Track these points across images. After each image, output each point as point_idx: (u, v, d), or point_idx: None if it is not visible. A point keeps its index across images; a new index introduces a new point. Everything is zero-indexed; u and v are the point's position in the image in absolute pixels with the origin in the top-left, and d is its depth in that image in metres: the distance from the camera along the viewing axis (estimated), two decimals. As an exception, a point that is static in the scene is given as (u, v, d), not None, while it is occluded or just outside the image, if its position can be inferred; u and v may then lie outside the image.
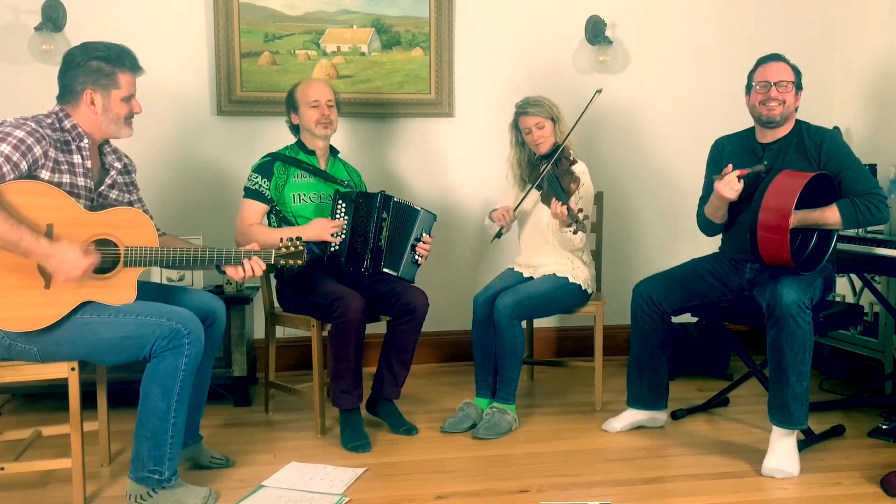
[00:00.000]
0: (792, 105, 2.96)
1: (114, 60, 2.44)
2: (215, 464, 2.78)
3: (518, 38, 4.13)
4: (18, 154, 2.25)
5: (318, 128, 3.21)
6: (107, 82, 2.43)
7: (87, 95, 2.42)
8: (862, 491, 2.59)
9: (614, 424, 3.15)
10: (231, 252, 2.56)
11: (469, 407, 3.22)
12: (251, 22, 3.87)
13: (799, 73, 2.99)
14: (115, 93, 2.44)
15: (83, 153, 2.43)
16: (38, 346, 2.37)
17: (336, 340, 2.96)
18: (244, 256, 2.57)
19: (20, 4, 3.66)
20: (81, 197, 2.41)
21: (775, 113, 2.94)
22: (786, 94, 2.93)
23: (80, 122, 2.44)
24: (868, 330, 3.63)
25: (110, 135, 2.49)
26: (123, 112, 2.48)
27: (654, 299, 3.05)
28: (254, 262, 2.57)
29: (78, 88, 2.42)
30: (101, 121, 2.45)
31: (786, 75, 2.95)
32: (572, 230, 3.12)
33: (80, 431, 2.46)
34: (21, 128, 2.29)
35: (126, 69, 2.46)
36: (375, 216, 3.11)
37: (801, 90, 2.98)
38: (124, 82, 2.46)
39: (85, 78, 2.41)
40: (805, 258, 2.88)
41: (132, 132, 2.54)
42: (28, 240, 2.23)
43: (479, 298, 3.26)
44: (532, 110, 3.28)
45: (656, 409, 3.15)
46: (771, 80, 2.93)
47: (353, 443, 2.97)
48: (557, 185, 3.17)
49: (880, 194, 2.84)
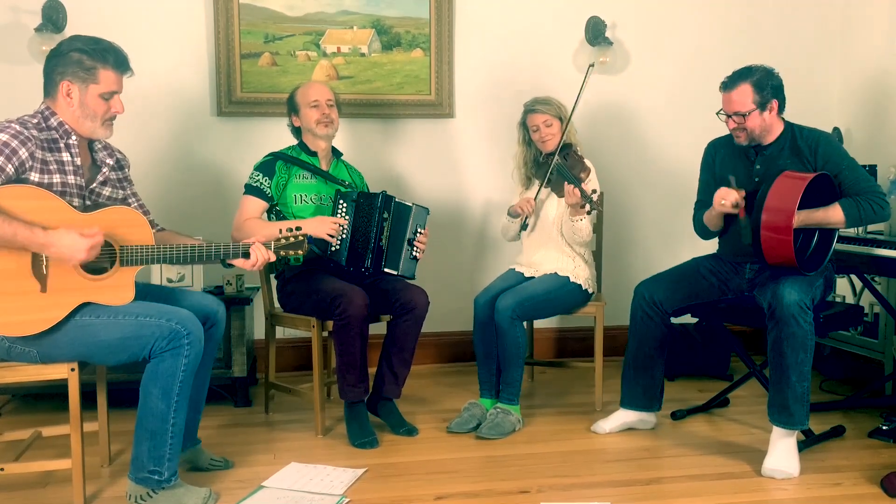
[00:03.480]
0: (759, 126, 2.92)
1: (96, 55, 2.38)
2: (214, 466, 2.77)
3: (518, 39, 4.13)
4: (3, 158, 2.23)
5: (320, 127, 3.21)
6: (85, 75, 2.37)
7: (64, 86, 2.37)
8: (862, 491, 2.59)
9: (603, 426, 3.15)
10: (228, 247, 2.55)
11: (475, 407, 3.22)
12: (251, 23, 3.87)
13: (763, 85, 2.88)
14: (93, 87, 2.38)
15: (72, 150, 2.40)
16: (38, 348, 2.37)
17: (340, 337, 2.96)
18: (242, 249, 2.55)
19: (20, 4, 3.66)
20: (73, 195, 2.39)
21: (741, 140, 2.97)
22: (746, 122, 2.91)
23: (64, 117, 2.40)
24: (868, 331, 3.63)
25: (87, 133, 2.43)
26: (100, 110, 2.41)
27: (655, 301, 3.05)
28: (258, 249, 2.56)
29: (56, 79, 2.38)
30: (79, 115, 2.39)
31: (740, 105, 2.89)
32: (586, 210, 3.15)
33: (80, 432, 2.45)
34: (5, 131, 2.27)
35: (108, 66, 2.40)
36: (377, 216, 3.11)
37: (770, 102, 2.89)
38: (104, 78, 2.40)
39: (63, 68, 2.37)
40: (807, 258, 2.89)
41: (110, 133, 2.47)
42: (24, 233, 2.21)
43: (480, 300, 3.26)
44: (540, 108, 3.34)
45: (648, 410, 3.15)
46: (727, 111, 2.95)
47: (361, 439, 2.98)
48: (568, 173, 3.21)
49: (880, 192, 2.85)
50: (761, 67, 2.94)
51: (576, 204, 3.15)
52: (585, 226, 3.25)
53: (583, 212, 3.19)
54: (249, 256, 2.57)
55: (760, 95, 2.89)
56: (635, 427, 3.16)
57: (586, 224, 3.25)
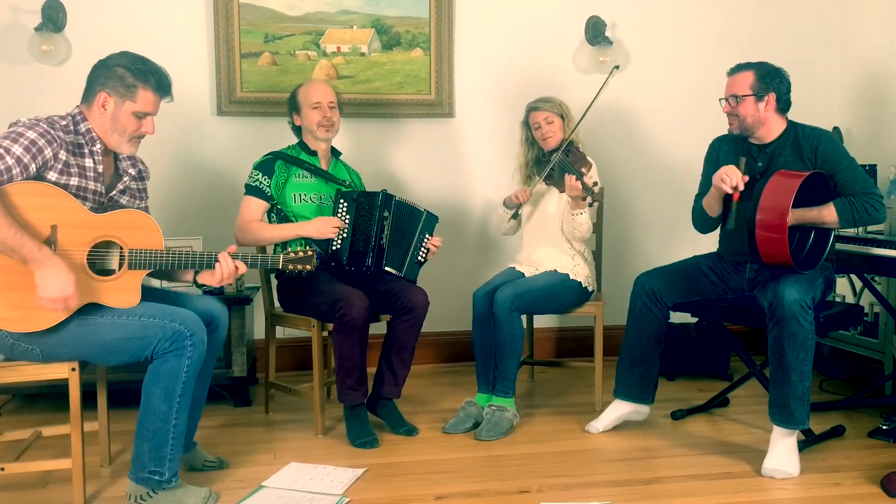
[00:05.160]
0: (751, 115, 2.92)
1: (140, 75, 2.42)
2: (209, 466, 2.77)
3: (518, 39, 4.13)
4: (29, 156, 2.25)
5: (320, 130, 3.21)
6: (124, 91, 2.41)
7: (101, 97, 2.41)
8: (862, 491, 2.59)
9: (596, 425, 3.14)
10: (213, 255, 2.52)
11: (470, 406, 3.22)
12: (251, 22, 3.87)
13: (765, 77, 2.91)
14: (129, 105, 2.42)
15: (95, 157, 2.43)
16: (41, 346, 2.37)
17: (340, 340, 2.96)
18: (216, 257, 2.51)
19: (20, 4, 3.66)
20: (89, 200, 2.41)
21: (732, 127, 2.98)
22: (738, 108, 2.92)
23: (94, 126, 2.43)
24: (868, 330, 3.63)
25: (112, 145, 2.46)
26: (131, 127, 2.44)
27: (655, 292, 3.05)
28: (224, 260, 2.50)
29: (96, 88, 2.41)
30: (108, 127, 2.43)
31: (738, 88, 2.92)
32: (587, 203, 3.16)
33: (80, 432, 2.45)
34: (34, 129, 2.29)
35: (150, 88, 2.44)
36: (377, 215, 3.11)
37: (768, 94, 2.90)
38: (142, 98, 2.43)
39: (105, 80, 2.41)
40: (804, 256, 2.89)
41: (134, 150, 2.51)
42: (30, 246, 2.22)
43: (479, 293, 3.26)
44: (542, 105, 3.38)
45: (642, 402, 3.14)
46: (725, 94, 2.97)
47: (361, 439, 2.98)
48: (570, 167, 3.22)
49: (877, 194, 2.84)
50: (773, 65, 2.97)
51: (577, 196, 3.16)
52: (585, 220, 3.26)
53: (584, 205, 3.20)
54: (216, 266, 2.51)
55: (760, 85, 2.91)
56: (629, 419, 3.16)
57: (586, 219, 3.26)
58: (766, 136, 2.98)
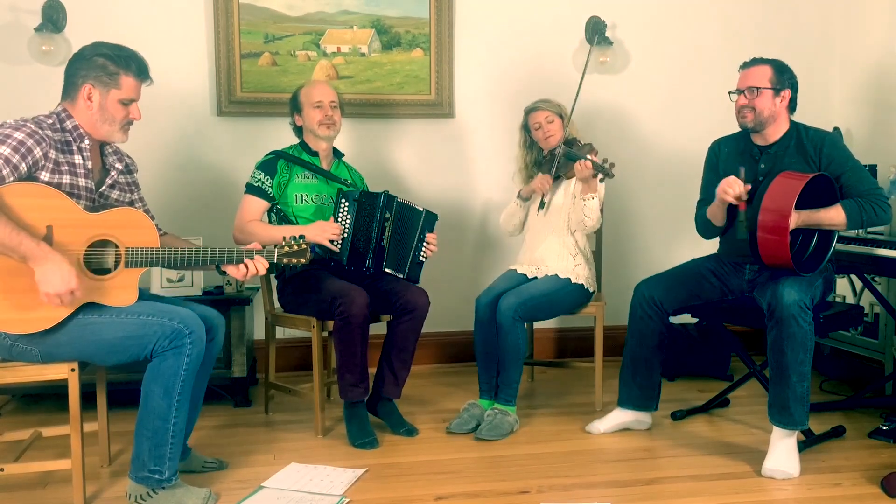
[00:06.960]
0: (768, 108, 2.92)
1: (120, 62, 2.43)
2: (208, 468, 2.76)
3: (518, 39, 4.13)
4: (18, 156, 2.25)
5: (322, 129, 3.21)
6: (108, 80, 2.41)
7: (86, 89, 2.40)
8: (862, 492, 2.59)
9: (598, 426, 3.14)
10: (233, 252, 2.55)
11: (474, 407, 3.22)
12: (251, 22, 3.87)
13: (783, 72, 2.94)
14: (115, 93, 2.42)
15: (84, 154, 2.43)
16: (40, 347, 2.37)
17: (341, 336, 2.96)
18: (245, 256, 2.56)
19: (20, 4, 3.66)
20: (82, 198, 2.41)
21: (747, 120, 2.96)
22: (756, 100, 2.92)
23: (80, 121, 2.43)
24: (868, 331, 3.63)
25: (104, 136, 2.46)
26: (119, 115, 2.45)
27: (655, 300, 3.05)
28: (256, 261, 2.55)
29: (78, 82, 2.41)
30: (97, 118, 2.43)
31: (756, 80, 2.92)
32: (599, 179, 3.16)
33: (80, 432, 2.45)
34: (21, 129, 2.28)
35: (131, 73, 2.45)
36: (378, 216, 3.11)
37: (785, 90, 2.93)
38: (126, 85, 2.44)
39: (87, 72, 2.40)
40: (806, 259, 2.88)
41: (126, 138, 2.51)
42: (28, 244, 2.22)
43: (482, 300, 3.26)
44: (542, 105, 3.40)
45: (645, 410, 3.15)
46: (741, 86, 2.96)
47: (361, 440, 2.98)
48: (576, 154, 3.24)
49: (883, 195, 2.84)
50: (783, 62, 2.98)
51: (588, 177, 3.16)
52: (595, 206, 3.24)
53: (595, 185, 3.20)
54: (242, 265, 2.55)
55: (778, 79, 2.92)
56: (631, 427, 3.16)
57: (596, 204, 3.24)
58: (771, 135, 2.98)
